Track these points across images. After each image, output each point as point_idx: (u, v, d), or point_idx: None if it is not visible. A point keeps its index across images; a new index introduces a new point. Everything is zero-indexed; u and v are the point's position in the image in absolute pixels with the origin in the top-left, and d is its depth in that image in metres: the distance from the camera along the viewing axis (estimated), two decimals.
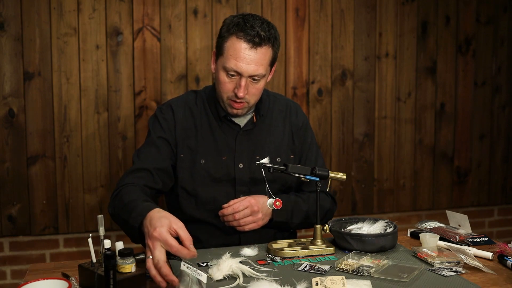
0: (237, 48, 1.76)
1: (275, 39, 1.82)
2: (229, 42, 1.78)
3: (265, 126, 1.96)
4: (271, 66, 1.86)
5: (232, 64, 1.76)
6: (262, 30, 1.76)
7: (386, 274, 1.50)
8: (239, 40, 1.76)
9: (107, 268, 1.29)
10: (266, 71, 1.81)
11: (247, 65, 1.76)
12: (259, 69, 1.78)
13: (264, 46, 1.78)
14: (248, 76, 1.78)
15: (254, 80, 1.80)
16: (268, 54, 1.80)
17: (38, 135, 2.61)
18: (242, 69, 1.76)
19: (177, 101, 1.98)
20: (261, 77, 1.81)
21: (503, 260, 1.61)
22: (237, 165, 1.89)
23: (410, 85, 3.07)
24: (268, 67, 1.83)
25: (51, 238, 2.68)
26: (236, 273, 1.48)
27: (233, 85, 1.81)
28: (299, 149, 2.01)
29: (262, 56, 1.78)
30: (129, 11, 2.66)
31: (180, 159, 1.89)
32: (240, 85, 1.78)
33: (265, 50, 1.78)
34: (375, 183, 3.07)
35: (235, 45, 1.76)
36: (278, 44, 1.85)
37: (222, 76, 1.81)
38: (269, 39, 1.78)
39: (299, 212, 1.90)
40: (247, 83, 1.79)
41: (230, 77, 1.80)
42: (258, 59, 1.77)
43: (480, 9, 3.14)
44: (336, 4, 2.92)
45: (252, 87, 1.81)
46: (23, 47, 2.56)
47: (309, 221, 1.93)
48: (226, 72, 1.79)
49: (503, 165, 3.28)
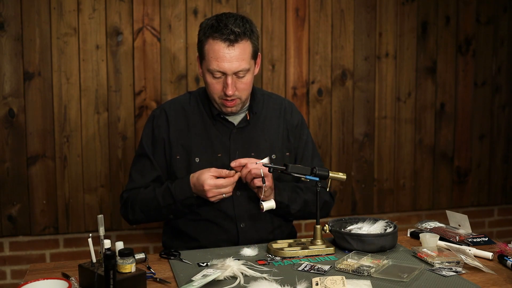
0: (216, 49, 1.79)
1: (252, 32, 1.84)
2: (207, 45, 1.82)
3: (259, 124, 1.98)
4: (254, 58, 1.88)
5: (215, 65, 1.80)
6: (236, 27, 1.79)
7: (386, 274, 1.50)
8: (215, 41, 1.79)
9: (107, 268, 1.29)
10: (249, 65, 1.84)
11: (229, 63, 1.79)
12: (241, 65, 1.80)
13: (241, 42, 1.80)
14: (232, 73, 1.81)
15: (239, 76, 1.83)
16: (248, 48, 1.82)
17: (38, 135, 2.61)
18: (225, 68, 1.79)
19: (171, 103, 2.03)
20: (246, 72, 1.83)
21: (503, 260, 1.61)
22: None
23: (410, 85, 3.07)
24: (251, 60, 1.85)
25: (51, 238, 2.68)
26: (236, 273, 1.49)
27: (221, 85, 1.84)
28: (294, 147, 2.02)
29: (241, 51, 1.80)
30: (129, 11, 2.66)
31: (176, 160, 1.92)
32: (228, 84, 1.81)
33: (243, 45, 1.81)
34: (375, 183, 3.07)
35: (213, 46, 1.80)
36: (256, 36, 1.87)
37: (209, 78, 1.85)
38: (244, 34, 1.81)
39: (299, 198, 1.92)
40: (234, 80, 1.82)
41: (216, 78, 1.83)
42: (238, 55, 1.79)
43: (480, 9, 3.14)
44: (336, 4, 2.92)
45: (240, 83, 1.84)
46: (23, 47, 2.56)
47: (308, 210, 1.94)
48: (211, 74, 1.83)
49: (503, 165, 3.28)
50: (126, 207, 1.95)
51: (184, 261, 1.65)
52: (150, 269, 1.59)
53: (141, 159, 1.97)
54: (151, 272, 1.56)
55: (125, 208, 1.95)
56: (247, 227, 1.91)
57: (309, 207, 1.94)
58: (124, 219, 2.00)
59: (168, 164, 1.95)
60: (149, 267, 1.60)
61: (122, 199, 1.97)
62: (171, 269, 1.60)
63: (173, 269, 1.59)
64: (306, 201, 1.93)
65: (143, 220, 1.95)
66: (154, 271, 1.57)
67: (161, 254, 1.71)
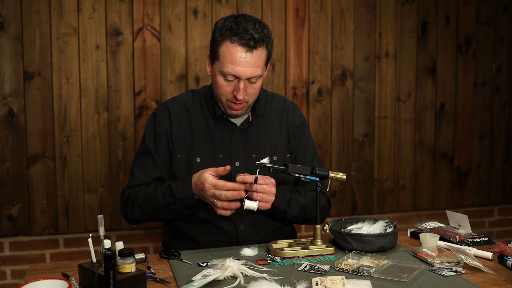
0: (233, 53, 1.76)
1: (269, 39, 1.83)
2: (224, 47, 1.78)
3: (261, 125, 1.97)
4: (267, 64, 1.88)
5: (230, 68, 1.77)
6: (256, 32, 1.76)
7: (386, 274, 1.50)
8: (234, 45, 1.76)
9: (107, 268, 1.29)
10: (262, 71, 1.83)
11: (244, 68, 1.77)
12: (256, 71, 1.79)
13: (259, 48, 1.78)
14: (246, 78, 1.79)
15: (252, 81, 1.81)
16: (264, 55, 1.81)
17: (38, 135, 2.61)
18: (240, 73, 1.78)
19: (174, 100, 2.01)
20: (258, 78, 1.82)
21: (503, 260, 1.61)
22: (234, 163, 1.90)
23: (410, 85, 3.07)
24: (264, 66, 1.85)
25: (51, 238, 2.68)
26: (236, 273, 1.49)
27: (231, 88, 1.82)
28: (295, 149, 2.01)
29: (258, 57, 1.79)
30: (129, 11, 2.66)
31: (178, 159, 1.91)
32: (239, 88, 1.79)
33: (260, 52, 1.79)
34: (375, 183, 3.07)
35: (230, 49, 1.77)
36: (271, 42, 1.85)
37: (219, 80, 1.82)
38: (263, 40, 1.79)
39: (297, 203, 1.90)
40: (245, 85, 1.80)
41: (229, 81, 1.81)
42: (254, 61, 1.78)
43: (480, 9, 3.14)
44: (336, 4, 2.92)
45: (251, 88, 1.83)
46: (23, 47, 2.56)
47: (305, 216, 1.93)
48: (224, 76, 1.81)
49: (503, 165, 3.28)
50: (126, 204, 1.93)
51: (184, 261, 1.65)
52: (150, 269, 1.59)
53: (143, 156, 1.95)
54: (151, 272, 1.56)
55: (125, 206, 1.94)
56: (246, 229, 1.90)
57: (306, 213, 1.93)
58: (123, 217, 1.99)
59: (171, 161, 1.93)
60: (149, 267, 1.60)
61: (123, 197, 1.95)
62: (171, 269, 1.60)
63: (173, 269, 1.59)
64: (303, 207, 1.91)
65: (141, 219, 1.93)
66: (154, 271, 1.57)
67: (161, 254, 1.71)
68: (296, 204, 1.89)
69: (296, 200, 1.90)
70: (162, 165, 1.93)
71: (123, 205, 1.96)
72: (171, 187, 1.82)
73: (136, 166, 1.96)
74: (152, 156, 1.93)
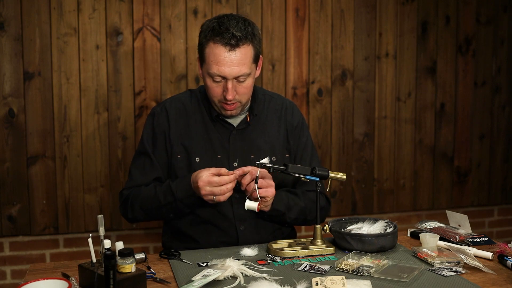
0: (216, 53, 1.77)
1: (253, 35, 1.81)
2: (208, 49, 1.79)
3: (259, 125, 1.97)
4: (256, 62, 1.86)
5: (215, 69, 1.78)
6: (238, 31, 1.76)
7: (386, 274, 1.50)
8: (216, 45, 1.77)
9: (107, 268, 1.29)
10: (250, 69, 1.82)
11: (230, 67, 1.77)
12: (242, 69, 1.78)
13: (242, 46, 1.77)
14: (233, 78, 1.79)
15: (240, 80, 1.81)
16: (249, 52, 1.80)
17: (38, 135, 2.61)
18: (226, 73, 1.77)
19: (172, 100, 2.01)
20: (246, 76, 1.81)
21: (503, 260, 1.61)
22: (232, 163, 1.90)
23: (410, 85, 3.07)
24: (252, 64, 1.83)
25: (51, 238, 2.68)
26: (236, 273, 1.49)
27: (221, 89, 1.82)
28: (294, 148, 2.01)
29: (242, 56, 1.78)
30: (129, 11, 2.66)
31: (177, 159, 1.91)
32: (228, 88, 1.79)
33: (245, 49, 1.78)
34: (375, 183, 3.07)
35: (213, 50, 1.77)
36: (258, 39, 1.84)
37: (209, 81, 1.83)
38: (246, 38, 1.78)
39: (296, 206, 1.90)
40: (234, 84, 1.80)
41: (216, 82, 1.81)
42: (239, 60, 1.77)
43: (480, 9, 3.14)
44: (336, 4, 2.92)
45: (240, 87, 1.82)
46: (23, 47, 2.56)
47: (304, 217, 1.93)
48: (212, 77, 1.81)
49: (503, 165, 3.28)
50: (125, 205, 1.94)
51: (184, 261, 1.65)
52: (150, 269, 1.59)
53: (142, 157, 1.96)
54: (151, 272, 1.56)
55: (125, 206, 1.94)
56: (246, 229, 1.90)
57: (305, 215, 1.93)
58: (123, 217, 1.99)
59: (169, 162, 1.94)
60: (149, 267, 1.60)
61: (122, 197, 1.96)
62: (171, 269, 1.60)
63: (173, 269, 1.59)
64: (303, 209, 1.92)
65: (142, 218, 1.94)
66: (154, 271, 1.57)
67: (161, 254, 1.71)
68: (295, 206, 1.90)
69: (295, 202, 1.90)
70: (160, 166, 1.94)
71: (122, 205, 1.97)
72: (171, 187, 1.82)
73: (134, 166, 1.97)
74: (150, 157, 1.93)
